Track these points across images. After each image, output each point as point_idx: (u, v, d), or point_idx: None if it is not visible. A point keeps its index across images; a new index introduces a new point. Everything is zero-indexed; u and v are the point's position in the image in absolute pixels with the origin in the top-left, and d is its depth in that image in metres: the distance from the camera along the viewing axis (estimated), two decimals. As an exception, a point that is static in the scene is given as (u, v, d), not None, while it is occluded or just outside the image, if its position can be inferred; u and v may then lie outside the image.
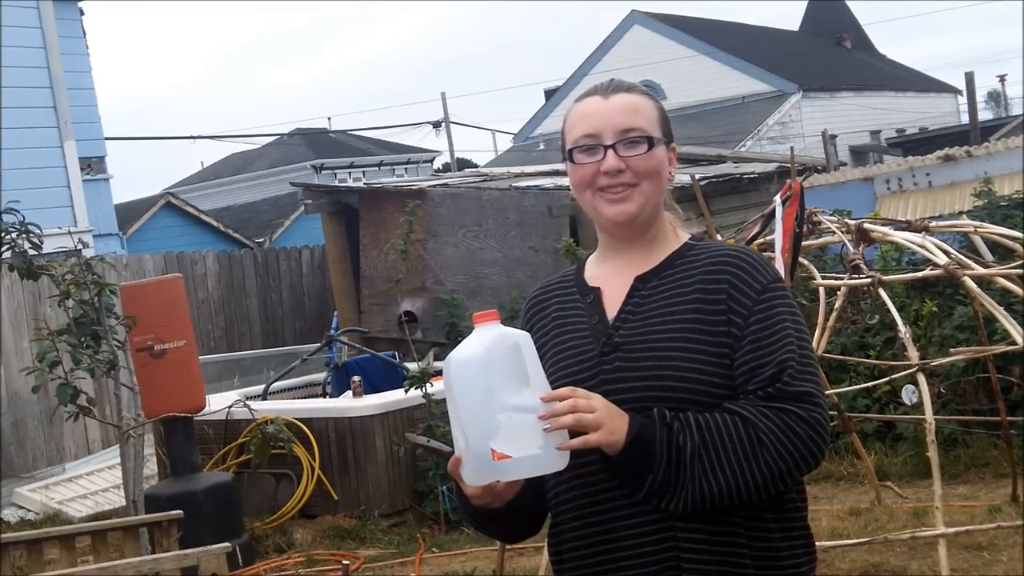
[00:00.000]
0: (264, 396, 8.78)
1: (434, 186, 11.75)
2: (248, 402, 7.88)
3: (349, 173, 26.91)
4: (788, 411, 1.78)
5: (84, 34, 14.45)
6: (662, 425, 1.78)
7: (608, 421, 1.76)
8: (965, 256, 5.22)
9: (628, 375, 1.85)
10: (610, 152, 1.91)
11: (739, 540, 1.81)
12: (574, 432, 1.75)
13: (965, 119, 24.37)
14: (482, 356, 1.75)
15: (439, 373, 4.89)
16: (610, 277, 1.98)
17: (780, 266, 4.52)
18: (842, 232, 5.28)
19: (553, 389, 1.82)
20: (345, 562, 5.81)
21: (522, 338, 1.80)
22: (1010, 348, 5.01)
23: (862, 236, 5.27)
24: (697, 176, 8.80)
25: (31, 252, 6.07)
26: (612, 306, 1.95)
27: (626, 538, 1.83)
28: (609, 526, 1.85)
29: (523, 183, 11.60)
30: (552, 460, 1.74)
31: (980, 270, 4.98)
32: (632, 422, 1.77)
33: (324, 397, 8.85)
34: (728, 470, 1.76)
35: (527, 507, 1.92)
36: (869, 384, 7.02)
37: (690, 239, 2.00)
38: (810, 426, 1.78)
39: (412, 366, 8.06)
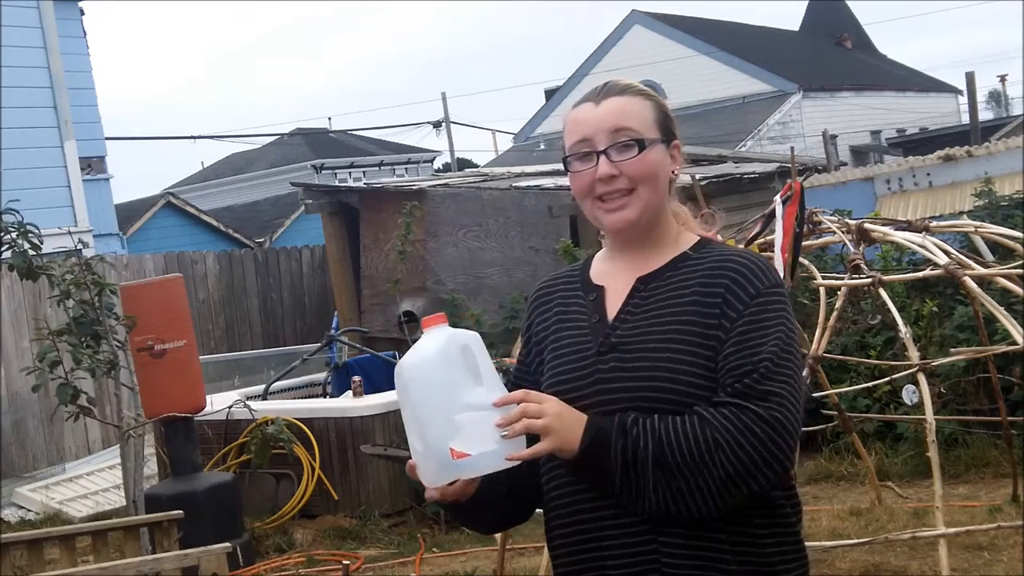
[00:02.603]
0: (264, 396, 8.77)
1: (434, 186, 11.75)
2: (248, 402, 7.88)
3: (349, 173, 26.91)
4: (749, 410, 1.76)
5: (84, 34, 14.44)
6: (619, 433, 1.77)
7: (559, 426, 1.77)
8: (965, 256, 5.22)
9: (622, 375, 1.86)
10: (603, 158, 1.91)
11: (721, 547, 1.81)
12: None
13: (966, 119, 24.37)
14: (437, 357, 1.78)
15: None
16: (614, 276, 1.98)
17: (779, 264, 4.52)
18: (842, 232, 5.28)
19: (550, 382, 1.87)
20: (345, 562, 5.80)
21: (472, 338, 1.83)
22: (1010, 348, 5.01)
23: (862, 236, 5.27)
24: (697, 176, 8.79)
25: (31, 253, 6.07)
26: (613, 306, 1.95)
27: (610, 538, 1.84)
28: (595, 524, 1.86)
29: (523, 183, 11.60)
30: (510, 452, 1.76)
31: (980, 270, 4.98)
32: (588, 428, 1.78)
33: (324, 397, 8.85)
34: (685, 472, 1.75)
35: (500, 498, 1.93)
36: (869, 384, 7.02)
37: (699, 240, 1.98)
38: (770, 426, 1.75)
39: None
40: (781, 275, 4.29)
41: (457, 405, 1.76)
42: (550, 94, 30.43)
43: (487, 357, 1.83)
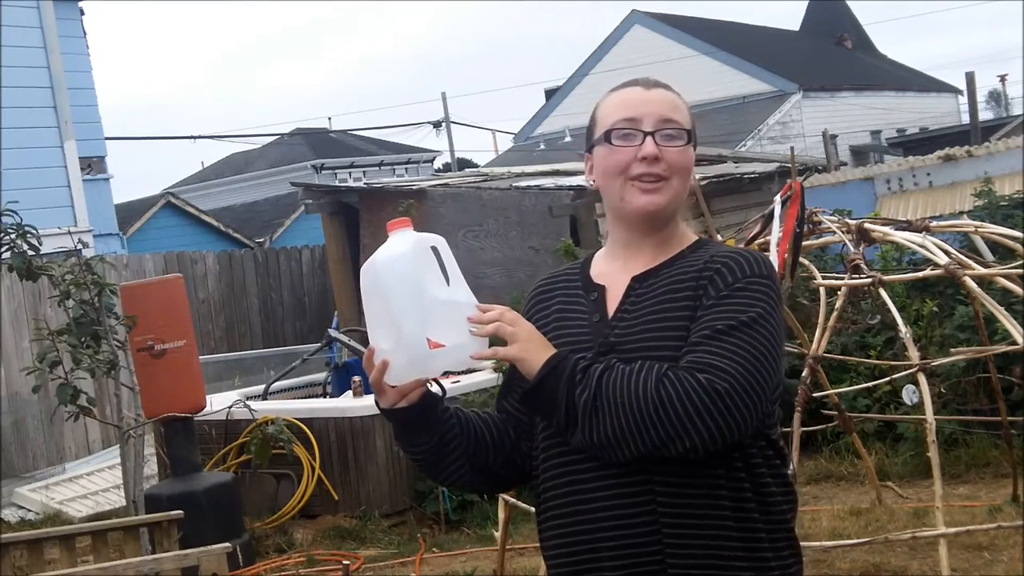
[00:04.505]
0: (264, 396, 8.78)
1: (434, 186, 11.75)
2: (248, 402, 7.88)
3: (349, 173, 26.89)
4: (693, 379, 1.76)
5: (84, 34, 14.45)
6: (569, 380, 1.81)
7: (525, 343, 1.85)
8: (966, 256, 5.22)
9: None
10: (649, 139, 1.91)
11: (730, 535, 1.82)
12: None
13: (966, 119, 24.37)
14: (410, 255, 1.87)
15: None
16: (615, 275, 1.99)
17: (775, 261, 4.52)
18: (842, 232, 5.28)
19: None
20: (345, 562, 5.80)
21: (438, 241, 1.92)
22: (1010, 348, 5.01)
23: (863, 236, 5.27)
24: (697, 176, 8.79)
25: (30, 253, 6.07)
26: (612, 305, 1.96)
27: (609, 519, 1.84)
28: (593, 504, 1.86)
29: (523, 183, 11.60)
30: (476, 349, 1.88)
31: (981, 270, 4.98)
32: (549, 362, 1.83)
33: (324, 397, 8.86)
34: (614, 428, 1.77)
35: (456, 446, 1.98)
36: (870, 384, 7.02)
37: (698, 240, 2.00)
38: (708, 395, 1.74)
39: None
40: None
41: (431, 300, 1.85)
42: (550, 94, 30.37)
43: (452, 258, 1.92)
